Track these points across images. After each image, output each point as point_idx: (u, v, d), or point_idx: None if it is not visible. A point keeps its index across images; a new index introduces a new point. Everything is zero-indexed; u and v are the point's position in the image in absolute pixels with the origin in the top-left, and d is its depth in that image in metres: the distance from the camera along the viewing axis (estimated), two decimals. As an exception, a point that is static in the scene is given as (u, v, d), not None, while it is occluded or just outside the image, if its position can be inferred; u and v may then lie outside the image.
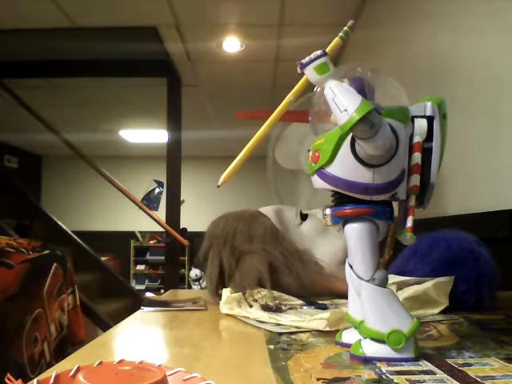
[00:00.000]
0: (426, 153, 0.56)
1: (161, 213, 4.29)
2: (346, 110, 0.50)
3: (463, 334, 0.67)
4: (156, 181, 8.40)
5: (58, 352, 2.04)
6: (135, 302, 4.00)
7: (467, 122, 1.40)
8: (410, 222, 0.56)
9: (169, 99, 4.03)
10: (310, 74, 0.54)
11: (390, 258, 1.22)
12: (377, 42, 2.54)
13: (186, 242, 4.02)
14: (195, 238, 5.82)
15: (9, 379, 0.35)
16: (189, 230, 6.88)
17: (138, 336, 0.75)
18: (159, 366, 0.39)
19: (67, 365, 0.41)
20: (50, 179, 8.25)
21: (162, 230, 4.13)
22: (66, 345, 2.13)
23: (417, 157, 0.55)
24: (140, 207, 4.30)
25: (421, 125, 0.56)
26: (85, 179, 7.41)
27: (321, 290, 0.99)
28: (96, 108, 5.22)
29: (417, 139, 0.55)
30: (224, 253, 1.03)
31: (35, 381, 0.35)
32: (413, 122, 0.56)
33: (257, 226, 1.05)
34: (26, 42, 3.49)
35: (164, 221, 3.98)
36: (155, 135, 6.47)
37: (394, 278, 0.92)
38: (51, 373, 0.36)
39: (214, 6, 2.96)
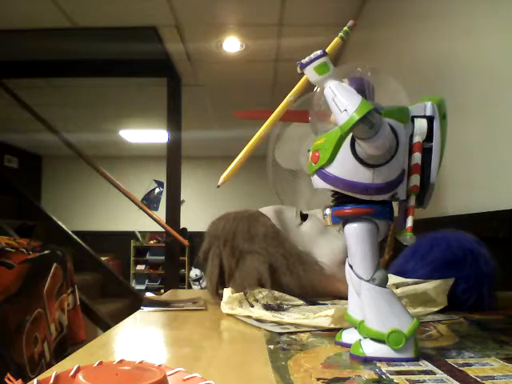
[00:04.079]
0: (426, 153, 0.56)
1: (161, 213, 4.29)
2: (345, 110, 0.50)
3: (463, 334, 0.67)
4: (156, 181, 8.40)
5: (58, 352, 2.04)
6: (135, 302, 4.00)
7: (467, 122, 1.40)
8: (410, 222, 0.56)
9: (169, 99, 4.03)
10: (310, 74, 0.54)
11: (390, 258, 1.22)
12: (377, 42, 2.54)
13: (185, 242, 4.02)
14: (195, 237, 5.83)
15: (9, 379, 0.35)
16: (189, 230, 6.89)
17: (138, 336, 0.75)
18: (159, 365, 0.39)
19: (67, 365, 0.41)
20: (50, 179, 8.26)
21: (162, 229, 4.13)
22: (66, 345, 2.13)
23: (417, 157, 0.55)
24: (140, 207, 4.30)
25: (421, 125, 0.56)
26: (85, 179, 7.41)
27: (321, 290, 0.99)
28: (96, 108, 5.22)
29: (417, 139, 0.55)
30: (224, 253, 1.03)
31: (35, 381, 0.35)
32: (413, 122, 0.56)
33: (257, 226, 1.05)
34: (26, 42, 3.49)
35: (164, 221, 3.98)
36: (155, 135, 6.47)
37: (393, 278, 0.92)
38: (51, 373, 0.36)
39: (213, 6, 2.96)
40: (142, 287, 7.86)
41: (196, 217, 6.19)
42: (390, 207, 0.57)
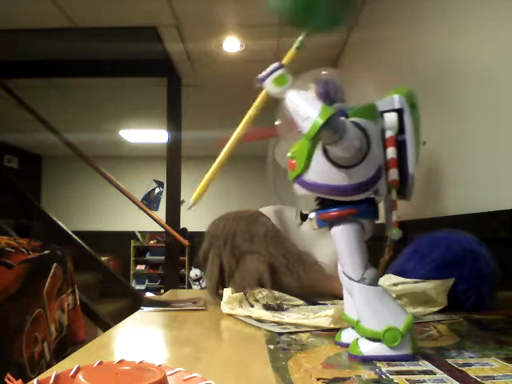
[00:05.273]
0: (403, 145, 0.56)
1: (161, 213, 4.29)
2: (307, 119, 0.50)
3: (463, 334, 0.67)
4: (156, 181, 8.40)
5: (58, 352, 2.04)
6: (135, 302, 4.00)
7: (467, 123, 1.40)
8: (394, 217, 0.56)
9: (169, 99, 4.03)
10: (269, 87, 0.55)
11: (390, 258, 1.22)
12: (377, 41, 2.54)
13: (185, 242, 4.02)
14: (195, 237, 5.82)
15: (9, 379, 0.35)
16: (189, 230, 6.88)
17: (138, 336, 0.75)
18: (159, 366, 0.40)
19: (67, 365, 0.41)
20: (50, 179, 8.25)
21: (162, 229, 4.12)
22: (66, 345, 2.13)
23: (391, 151, 0.55)
24: (140, 207, 4.30)
25: (391, 119, 0.56)
26: (85, 179, 7.41)
27: (321, 290, 0.99)
28: (96, 108, 5.22)
29: (389, 134, 0.55)
30: (224, 253, 1.03)
31: (35, 381, 0.35)
32: (383, 117, 0.56)
33: (257, 226, 1.05)
34: (26, 42, 3.49)
35: (164, 221, 3.98)
36: (155, 135, 6.47)
37: (393, 278, 0.92)
38: (51, 373, 0.36)
39: (213, 6, 2.96)
40: (142, 287, 7.86)
41: (196, 217, 6.18)
42: (374, 205, 0.57)
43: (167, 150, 4.04)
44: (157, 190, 8.45)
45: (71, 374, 0.37)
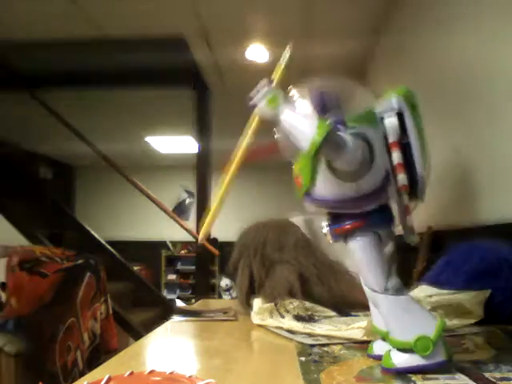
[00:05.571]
0: (408, 148, 0.54)
1: (191, 222, 4.31)
2: (305, 138, 0.49)
3: (500, 347, 0.65)
4: (186, 190, 8.46)
5: (91, 361, 2.06)
6: (166, 312, 4.02)
7: (504, 127, 1.37)
8: (409, 222, 0.55)
9: (197, 109, 4.06)
10: (262, 110, 0.54)
11: (424, 268, 1.19)
12: (407, 49, 2.52)
13: (216, 252, 4.03)
14: (225, 247, 5.83)
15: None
16: (219, 239, 6.91)
17: (168, 346, 0.75)
18: (190, 376, 0.39)
19: (99, 374, 0.41)
20: (83, 189, 8.41)
21: (192, 239, 4.14)
22: (98, 353, 2.15)
23: (396, 156, 0.53)
24: (171, 217, 4.33)
25: (391, 123, 0.54)
26: (117, 189, 7.51)
27: (353, 300, 0.98)
28: (126, 118, 5.30)
29: (391, 139, 0.54)
30: (254, 262, 1.02)
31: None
32: (383, 121, 0.55)
33: (287, 235, 1.05)
34: (57, 53, 3.57)
35: (195, 231, 4.00)
36: (185, 144, 6.53)
37: (428, 290, 0.90)
38: (82, 382, 0.37)
39: (241, 16, 2.98)
40: (174, 296, 7.90)
41: (225, 226, 6.20)
42: (388, 213, 0.55)
43: (197, 160, 4.07)
44: (187, 200, 8.51)
45: (102, 383, 0.37)
